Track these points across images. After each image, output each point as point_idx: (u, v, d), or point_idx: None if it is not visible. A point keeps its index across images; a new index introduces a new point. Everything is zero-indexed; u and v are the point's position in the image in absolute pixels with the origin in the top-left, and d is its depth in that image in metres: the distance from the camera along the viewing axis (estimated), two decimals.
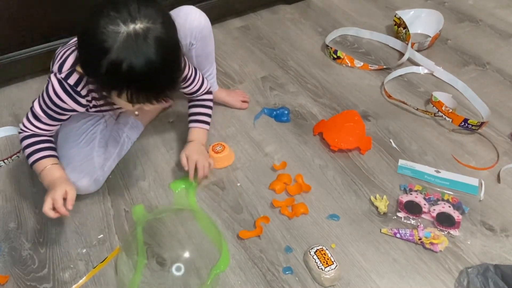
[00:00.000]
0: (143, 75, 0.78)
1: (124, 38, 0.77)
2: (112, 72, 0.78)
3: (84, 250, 1.00)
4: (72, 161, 1.05)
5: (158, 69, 0.79)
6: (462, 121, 1.26)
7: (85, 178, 1.05)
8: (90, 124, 1.11)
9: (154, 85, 0.82)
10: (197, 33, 1.13)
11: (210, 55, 1.22)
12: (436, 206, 1.06)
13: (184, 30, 1.11)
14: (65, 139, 1.08)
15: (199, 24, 1.12)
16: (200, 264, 0.97)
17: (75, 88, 0.92)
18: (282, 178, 1.14)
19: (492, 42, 1.64)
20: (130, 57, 0.76)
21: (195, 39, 1.14)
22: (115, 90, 0.82)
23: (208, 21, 1.15)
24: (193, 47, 1.15)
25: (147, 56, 0.77)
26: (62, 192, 0.92)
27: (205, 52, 1.19)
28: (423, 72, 1.51)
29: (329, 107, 1.37)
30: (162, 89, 0.83)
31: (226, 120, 1.32)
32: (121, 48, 0.76)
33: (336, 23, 1.73)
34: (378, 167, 1.19)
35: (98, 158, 1.09)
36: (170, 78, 0.84)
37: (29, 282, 0.95)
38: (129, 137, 1.21)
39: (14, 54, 1.34)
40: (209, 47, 1.19)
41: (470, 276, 0.93)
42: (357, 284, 0.94)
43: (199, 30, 1.13)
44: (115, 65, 0.77)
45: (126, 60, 0.76)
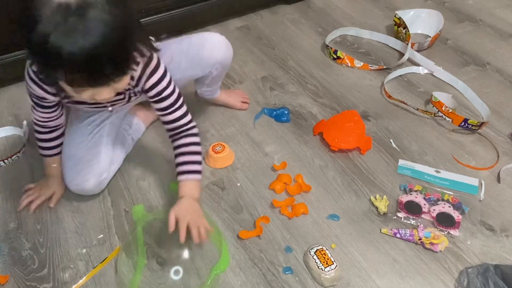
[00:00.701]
0: (77, 52, 0.70)
1: (54, 9, 0.69)
2: (41, 48, 0.70)
3: (84, 250, 1.00)
4: (79, 162, 1.05)
5: (96, 46, 0.70)
6: (462, 121, 1.26)
7: (92, 179, 1.05)
8: (95, 125, 1.09)
9: (89, 64, 0.72)
10: (219, 65, 1.13)
11: (223, 76, 1.23)
12: (436, 206, 1.06)
13: (208, 62, 1.11)
14: (72, 139, 1.08)
15: (224, 58, 1.13)
16: (200, 264, 0.97)
17: (40, 75, 0.89)
18: (282, 178, 1.14)
19: (492, 42, 1.64)
20: (58, 32, 0.68)
21: (216, 69, 1.14)
22: (50, 69, 0.75)
23: (231, 51, 1.15)
24: (212, 74, 1.16)
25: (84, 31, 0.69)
26: (49, 193, 1.08)
27: (220, 76, 1.20)
28: (423, 72, 1.51)
29: (329, 107, 1.37)
30: (99, 69, 0.74)
31: (226, 120, 1.32)
32: (49, 21, 0.68)
33: (336, 23, 1.73)
34: (378, 167, 1.19)
35: (105, 160, 1.08)
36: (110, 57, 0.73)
37: (29, 282, 0.95)
38: (133, 138, 1.21)
39: (14, 54, 1.34)
40: (224, 71, 1.19)
41: (470, 276, 0.93)
42: (357, 284, 0.94)
43: (223, 64, 1.14)
44: (42, 40, 0.69)
45: (54, 35, 0.68)
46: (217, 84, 1.26)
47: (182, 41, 1.11)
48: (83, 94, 0.80)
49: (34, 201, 1.08)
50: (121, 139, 1.17)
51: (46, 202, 1.09)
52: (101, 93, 0.80)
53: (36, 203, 1.08)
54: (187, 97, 1.35)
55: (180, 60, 1.08)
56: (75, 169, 1.05)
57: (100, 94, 0.81)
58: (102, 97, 0.81)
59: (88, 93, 0.80)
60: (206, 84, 1.22)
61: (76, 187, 1.06)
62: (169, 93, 0.97)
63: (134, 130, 1.22)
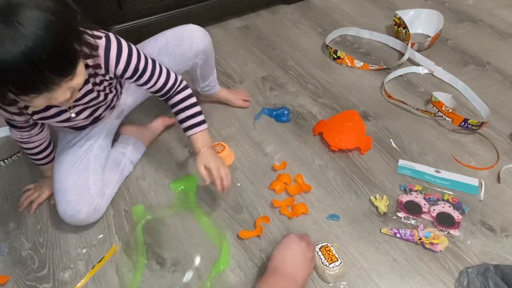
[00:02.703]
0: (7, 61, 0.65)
1: None
2: None
3: (84, 250, 1.00)
4: (67, 193, 1.00)
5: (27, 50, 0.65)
6: (462, 121, 1.26)
7: (83, 209, 0.99)
8: (82, 151, 1.05)
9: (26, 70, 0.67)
10: (202, 54, 1.13)
11: (212, 64, 1.22)
12: (436, 206, 1.06)
13: (191, 54, 1.11)
14: (58, 169, 1.03)
15: (204, 47, 1.12)
16: (200, 264, 0.97)
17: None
18: (282, 178, 1.14)
19: (492, 42, 1.64)
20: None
21: (200, 59, 1.14)
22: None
23: (209, 38, 1.14)
24: (197, 65, 1.16)
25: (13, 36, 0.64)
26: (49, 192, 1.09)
27: (208, 64, 1.20)
28: (423, 72, 1.51)
29: (329, 107, 1.37)
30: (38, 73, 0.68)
31: (226, 120, 1.32)
32: None
33: (336, 23, 1.73)
34: (378, 167, 1.19)
35: (94, 186, 1.02)
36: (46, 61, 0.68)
37: (29, 282, 0.95)
38: (131, 160, 1.16)
39: None
40: (210, 59, 1.19)
41: (470, 276, 0.93)
42: (357, 284, 0.94)
43: (204, 52, 1.13)
44: None
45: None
46: (212, 76, 1.25)
47: (157, 39, 1.10)
48: (36, 101, 0.74)
49: (35, 201, 1.08)
50: (114, 161, 1.12)
51: (47, 201, 1.09)
52: (55, 96, 0.74)
53: (37, 202, 1.08)
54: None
55: (161, 58, 1.06)
56: (65, 201, 0.99)
57: (55, 98, 0.75)
58: (58, 100, 0.75)
59: (42, 99, 0.74)
60: (201, 79, 1.23)
61: (70, 218, 1.00)
62: (144, 66, 0.94)
63: (133, 151, 1.17)
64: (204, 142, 1.02)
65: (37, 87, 0.71)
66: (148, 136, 1.22)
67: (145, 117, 1.28)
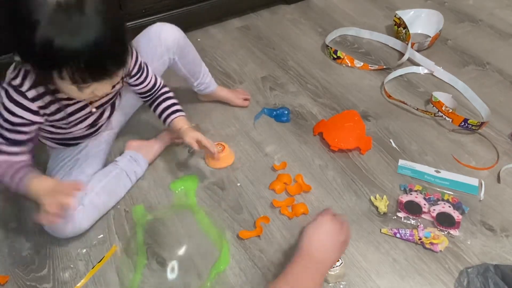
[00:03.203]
0: (80, 47, 0.72)
1: (53, 9, 0.70)
2: (46, 49, 0.71)
3: (84, 250, 1.00)
4: None
5: (98, 39, 0.73)
6: (462, 121, 1.26)
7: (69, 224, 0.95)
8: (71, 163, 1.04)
9: (94, 58, 0.74)
10: (174, 47, 1.13)
11: (195, 59, 1.22)
12: (436, 206, 1.06)
13: (161, 49, 1.12)
14: None
15: (173, 39, 1.13)
16: (200, 264, 0.97)
17: (20, 89, 0.84)
18: (282, 178, 1.14)
19: (492, 42, 1.64)
20: (63, 31, 0.70)
21: (174, 53, 1.14)
22: (54, 69, 0.75)
23: (180, 31, 1.15)
24: (175, 60, 1.16)
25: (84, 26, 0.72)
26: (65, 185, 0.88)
27: (189, 59, 1.20)
28: (423, 72, 1.51)
29: (329, 107, 1.37)
30: (103, 62, 0.77)
31: (226, 120, 1.32)
32: (51, 20, 0.70)
33: (336, 23, 1.73)
34: (378, 167, 1.19)
35: None
36: (112, 49, 0.77)
37: (29, 282, 0.95)
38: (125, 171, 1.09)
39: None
40: (190, 54, 1.19)
41: (470, 276, 0.93)
42: (357, 284, 0.94)
43: (175, 44, 1.13)
44: (46, 41, 0.70)
45: (58, 34, 0.70)
46: (202, 73, 1.25)
47: None
48: (84, 92, 0.81)
49: None
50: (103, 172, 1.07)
51: None
52: (101, 88, 0.82)
53: None
54: (188, 98, 1.36)
55: None
56: None
57: (100, 89, 0.82)
58: (102, 92, 0.83)
59: (89, 90, 0.81)
60: (191, 76, 1.23)
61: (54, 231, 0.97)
62: (144, 63, 1.05)
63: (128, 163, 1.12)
64: (185, 123, 1.09)
65: (97, 76, 0.78)
66: (150, 150, 1.17)
67: (153, 129, 1.26)
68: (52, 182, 0.90)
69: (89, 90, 0.81)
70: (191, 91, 1.33)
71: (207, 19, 1.69)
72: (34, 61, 0.78)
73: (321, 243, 0.82)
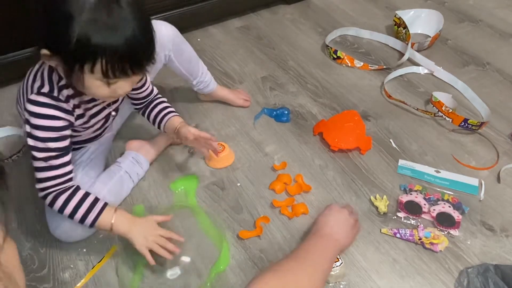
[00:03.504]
0: (118, 40, 0.74)
1: (91, 4, 0.72)
2: (83, 42, 0.72)
3: (84, 250, 1.00)
4: None
5: (134, 33, 0.75)
6: (462, 121, 1.26)
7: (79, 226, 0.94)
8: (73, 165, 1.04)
9: (130, 51, 0.76)
10: (169, 44, 1.14)
11: (193, 58, 1.22)
12: (436, 206, 1.06)
13: (156, 46, 1.11)
14: None
15: (168, 35, 1.13)
16: (200, 264, 0.97)
17: (52, 94, 0.85)
18: (282, 178, 1.14)
19: (492, 42, 1.64)
20: (101, 25, 0.72)
21: (169, 50, 1.14)
22: (88, 62, 0.75)
23: (175, 29, 1.15)
24: (171, 58, 1.16)
25: (121, 19, 0.74)
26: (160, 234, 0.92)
27: (186, 57, 1.19)
28: (423, 72, 1.51)
29: (329, 107, 1.37)
30: (139, 56, 0.79)
31: (226, 120, 1.32)
32: (90, 14, 0.72)
33: (336, 23, 1.73)
34: (378, 167, 1.19)
35: None
36: (146, 44, 0.79)
37: (29, 282, 0.95)
38: (128, 173, 1.10)
39: (14, 54, 1.34)
40: (186, 51, 1.19)
41: (470, 276, 0.93)
42: (357, 284, 0.94)
43: (170, 40, 1.13)
44: (84, 34, 0.72)
45: (97, 29, 0.72)
46: (201, 72, 1.24)
47: None
48: (109, 89, 0.81)
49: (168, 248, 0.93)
50: (108, 174, 1.08)
51: None
52: (124, 86, 0.82)
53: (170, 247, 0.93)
54: (188, 98, 1.36)
55: None
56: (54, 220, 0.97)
57: (123, 87, 0.83)
58: (123, 91, 0.83)
59: (114, 87, 0.81)
60: (190, 75, 1.23)
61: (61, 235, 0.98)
62: None
63: (130, 164, 1.12)
64: (182, 121, 1.08)
65: (132, 69, 0.78)
66: (151, 151, 1.17)
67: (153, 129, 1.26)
68: (142, 226, 0.92)
69: (113, 87, 0.81)
70: (191, 91, 1.33)
71: (207, 19, 1.69)
72: (67, 54, 0.76)
73: (332, 224, 0.92)
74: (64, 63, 0.79)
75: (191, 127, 1.06)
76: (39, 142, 0.85)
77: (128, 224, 0.91)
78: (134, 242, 0.90)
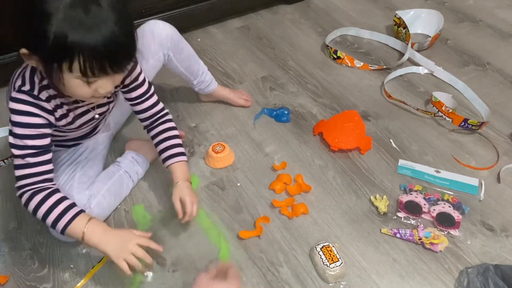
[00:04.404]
0: (96, 38, 0.73)
1: (68, 2, 0.72)
2: (59, 41, 0.72)
3: (84, 250, 1.00)
4: None
5: (114, 32, 0.74)
6: (462, 121, 1.26)
7: None
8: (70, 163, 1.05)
9: (108, 50, 0.75)
10: (168, 43, 1.14)
11: (192, 56, 1.22)
12: (436, 206, 1.06)
13: (155, 45, 1.12)
14: None
15: (166, 34, 1.13)
16: (200, 264, 0.97)
17: (31, 92, 0.84)
18: (282, 178, 1.14)
19: (492, 42, 1.64)
20: (78, 24, 0.72)
21: (168, 48, 1.15)
22: (65, 60, 0.74)
23: (173, 28, 1.15)
24: (170, 56, 1.16)
25: (100, 18, 0.73)
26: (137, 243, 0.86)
27: (185, 56, 1.19)
28: (423, 72, 1.51)
29: (329, 107, 1.37)
30: (118, 54, 0.77)
31: (226, 120, 1.32)
32: (68, 9, 0.72)
33: (336, 23, 1.73)
34: (378, 167, 1.19)
35: (78, 195, 0.97)
36: (126, 43, 0.78)
37: (29, 282, 0.95)
38: (128, 172, 1.10)
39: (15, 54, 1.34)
40: (185, 50, 1.19)
41: (470, 276, 0.93)
42: (357, 284, 0.94)
43: (168, 39, 1.13)
44: (60, 33, 0.72)
45: (73, 28, 0.71)
46: (202, 71, 1.25)
47: None
48: (89, 88, 0.80)
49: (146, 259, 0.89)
50: (107, 173, 1.08)
51: None
52: (105, 85, 0.81)
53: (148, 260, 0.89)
54: (188, 98, 1.36)
55: None
56: None
57: (104, 86, 0.81)
58: (104, 90, 0.82)
59: (94, 86, 0.80)
60: (190, 75, 1.23)
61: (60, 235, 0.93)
62: (142, 81, 1.01)
63: (130, 164, 1.12)
64: (183, 175, 1.01)
65: (110, 67, 0.77)
66: (151, 150, 1.15)
67: None
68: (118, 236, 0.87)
69: (94, 86, 0.80)
70: (191, 91, 1.33)
71: (207, 19, 1.69)
72: (45, 53, 0.76)
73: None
74: (43, 62, 0.78)
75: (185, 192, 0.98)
76: (18, 139, 0.85)
77: (101, 234, 0.86)
78: (109, 254, 0.85)
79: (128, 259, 0.85)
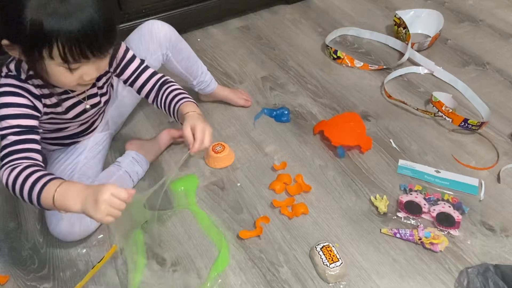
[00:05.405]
0: (73, 23, 0.73)
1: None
2: (36, 27, 0.72)
3: (84, 250, 1.00)
4: None
5: (91, 16, 0.74)
6: (462, 121, 1.26)
7: (76, 223, 0.96)
8: (69, 163, 1.05)
9: (87, 34, 0.75)
10: (166, 43, 1.14)
11: (191, 57, 1.22)
12: (436, 206, 1.06)
13: (154, 45, 1.12)
14: None
15: (165, 34, 1.13)
16: (200, 264, 0.97)
17: (18, 76, 0.85)
18: (282, 178, 1.14)
19: (492, 42, 1.64)
20: (54, 4, 0.72)
21: (167, 48, 1.15)
22: (44, 47, 0.75)
23: (171, 28, 1.15)
24: (169, 57, 1.16)
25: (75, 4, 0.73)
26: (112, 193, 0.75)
27: (184, 56, 1.19)
28: (423, 72, 1.51)
29: (329, 107, 1.37)
30: (97, 38, 0.76)
31: (226, 120, 1.32)
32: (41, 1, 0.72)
33: (336, 23, 1.73)
34: (378, 167, 1.19)
35: None
36: (105, 26, 0.77)
37: (29, 282, 0.95)
38: (128, 172, 1.10)
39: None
40: (184, 50, 1.19)
41: (470, 276, 0.93)
42: (357, 284, 0.94)
43: (167, 39, 1.14)
44: (36, 19, 0.72)
45: (49, 14, 0.72)
46: (201, 71, 1.24)
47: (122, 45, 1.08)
48: (73, 75, 0.80)
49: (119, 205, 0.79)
50: (107, 173, 1.09)
51: None
52: (89, 71, 0.81)
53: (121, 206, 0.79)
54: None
55: None
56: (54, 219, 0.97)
57: (88, 73, 0.81)
58: (89, 77, 0.82)
59: (78, 73, 0.80)
60: (189, 75, 1.23)
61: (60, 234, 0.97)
62: (131, 57, 1.01)
63: (130, 164, 1.12)
64: (193, 109, 0.95)
65: (90, 51, 0.77)
66: (151, 151, 1.17)
67: (153, 129, 1.28)
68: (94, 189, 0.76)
69: (77, 73, 0.80)
70: (191, 92, 1.32)
71: (207, 19, 1.69)
72: (24, 42, 0.76)
73: None
74: (24, 52, 0.78)
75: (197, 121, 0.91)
76: (2, 121, 0.84)
77: (74, 195, 0.76)
78: (91, 215, 0.75)
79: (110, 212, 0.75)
